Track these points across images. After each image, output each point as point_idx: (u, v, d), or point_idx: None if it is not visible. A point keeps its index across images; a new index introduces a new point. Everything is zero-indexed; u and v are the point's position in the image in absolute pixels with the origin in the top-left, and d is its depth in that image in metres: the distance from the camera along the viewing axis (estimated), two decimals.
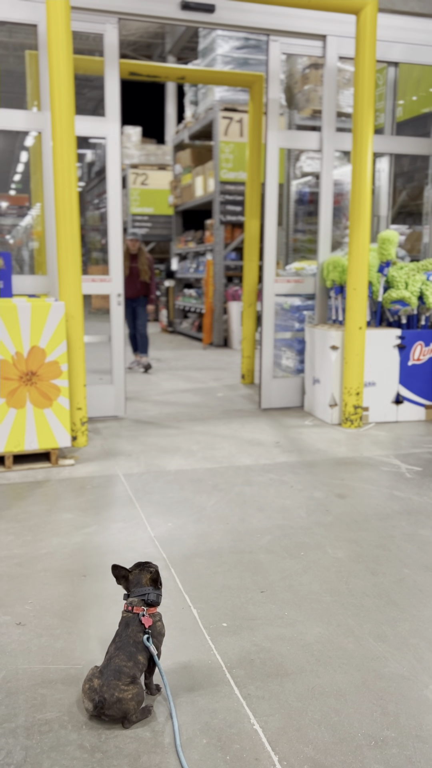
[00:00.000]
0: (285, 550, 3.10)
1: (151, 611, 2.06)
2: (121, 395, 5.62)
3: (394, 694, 2.07)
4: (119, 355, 5.60)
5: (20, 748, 1.83)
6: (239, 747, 1.84)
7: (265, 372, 5.98)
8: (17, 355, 4.19)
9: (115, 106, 5.24)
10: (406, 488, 3.96)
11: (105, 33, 5.11)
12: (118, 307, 5.53)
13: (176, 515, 3.52)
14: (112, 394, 5.62)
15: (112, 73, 5.18)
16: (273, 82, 5.67)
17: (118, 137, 5.27)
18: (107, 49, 5.15)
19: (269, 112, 5.68)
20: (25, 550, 3.08)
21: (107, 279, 5.48)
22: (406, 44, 5.90)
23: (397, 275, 5.55)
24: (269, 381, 6.03)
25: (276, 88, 5.68)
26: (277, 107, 5.69)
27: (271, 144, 5.70)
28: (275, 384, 6.08)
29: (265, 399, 6.04)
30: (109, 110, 5.24)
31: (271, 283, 5.88)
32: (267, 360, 5.97)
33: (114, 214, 5.43)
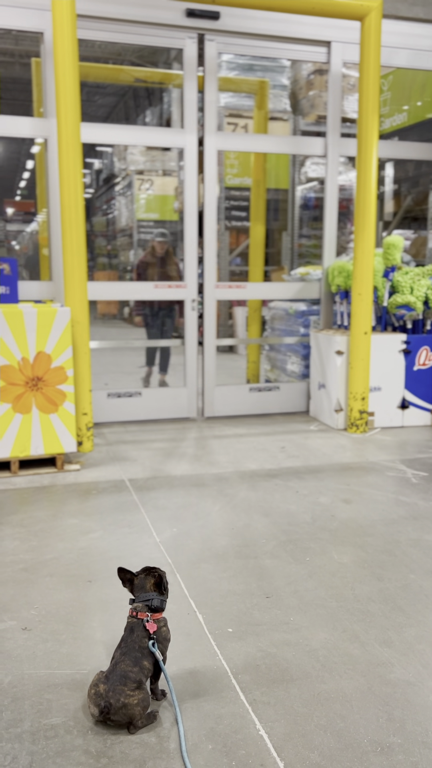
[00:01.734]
0: (290, 555, 3.10)
1: (156, 617, 2.06)
2: (193, 397, 5.81)
3: (400, 700, 2.07)
4: (192, 357, 5.86)
5: (26, 753, 1.84)
6: (245, 753, 1.84)
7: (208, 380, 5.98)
8: (23, 360, 4.20)
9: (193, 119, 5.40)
10: (411, 493, 3.95)
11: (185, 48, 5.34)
12: (192, 312, 5.82)
13: (181, 520, 3.52)
14: (185, 396, 5.81)
15: (191, 85, 5.37)
16: (210, 81, 5.46)
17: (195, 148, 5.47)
18: (186, 63, 5.35)
19: (206, 114, 5.52)
20: (30, 555, 3.09)
21: (182, 285, 5.72)
22: (411, 50, 5.91)
23: (402, 280, 5.55)
24: (211, 389, 5.98)
25: (213, 88, 5.46)
26: (215, 109, 5.51)
27: (208, 146, 5.56)
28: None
29: (207, 406, 6.04)
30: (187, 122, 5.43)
31: (211, 288, 5.92)
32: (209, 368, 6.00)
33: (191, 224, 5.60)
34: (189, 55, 5.34)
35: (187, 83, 5.38)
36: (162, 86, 7.18)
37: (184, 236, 5.69)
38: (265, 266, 8.10)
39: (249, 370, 7.40)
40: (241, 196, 10.40)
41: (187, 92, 5.41)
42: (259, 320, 7.40)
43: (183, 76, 5.41)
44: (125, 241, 17.83)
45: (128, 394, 5.68)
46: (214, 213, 5.78)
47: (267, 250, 11.02)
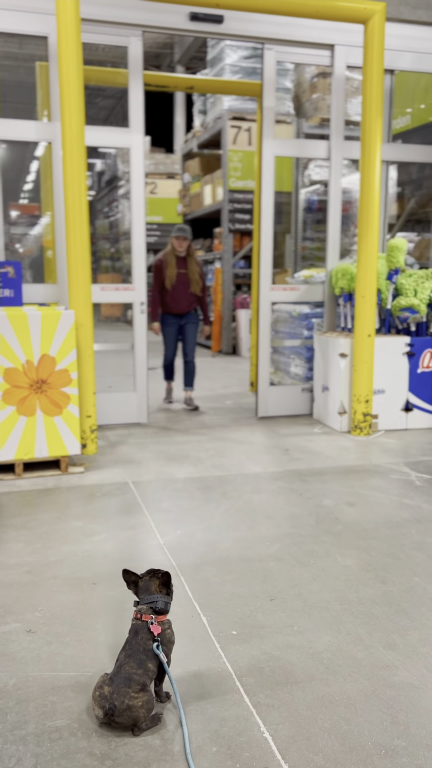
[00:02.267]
0: (294, 558, 3.10)
1: (160, 619, 2.06)
2: (143, 402, 5.69)
3: (404, 703, 2.06)
4: (142, 362, 5.66)
5: (30, 755, 1.84)
6: (249, 755, 1.84)
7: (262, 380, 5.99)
8: (27, 363, 4.21)
9: (139, 118, 5.33)
10: (415, 496, 3.94)
11: (129, 45, 5.21)
12: (141, 315, 5.61)
13: (185, 523, 3.52)
14: (135, 402, 5.69)
15: (136, 84, 5.28)
16: (268, 91, 5.68)
17: (141, 147, 5.37)
18: (132, 61, 5.25)
19: (264, 120, 5.68)
20: (35, 558, 3.09)
21: (130, 288, 5.56)
22: (415, 53, 5.92)
23: (405, 283, 5.55)
24: (266, 389, 6.03)
25: (271, 97, 5.68)
26: (272, 115, 5.68)
27: (266, 152, 5.72)
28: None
29: (262, 407, 6.04)
30: (132, 121, 5.34)
31: (267, 290, 5.90)
32: (263, 368, 6.00)
33: (138, 222, 5.48)
34: (133, 54, 5.22)
35: (132, 82, 5.27)
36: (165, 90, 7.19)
37: (132, 237, 5.52)
38: None
39: (252, 373, 7.41)
40: (245, 199, 10.41)
41: (132, 91, 5.29)
42: None
43: (128, 74, 5.26)
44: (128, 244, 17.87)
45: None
46: (271, 216, 5.85)
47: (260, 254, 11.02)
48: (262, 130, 5.71)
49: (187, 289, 6.24)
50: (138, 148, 5.36)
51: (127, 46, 5.21)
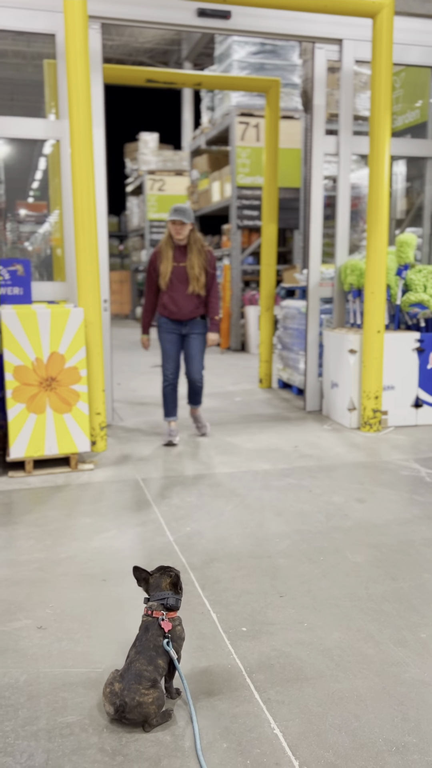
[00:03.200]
0: (304, 554, 3.10)
1: (171, 615, 2.07)
2: (109, 401, 5.60)
3: (414, 699, 2.06)
4: (107, 361, 5.57)
5: (42, 751, 1.85)
6: (259, 752, 1.84)
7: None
8: (37, 361, 4.23)
9: (99, 112, 5.22)
10: (426, 492, 3.93)
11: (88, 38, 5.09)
12: (104, 312, 5.32)
13: (195, 520, 3.53)
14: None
15: (96, 78, 5.17)
16: (318, 89, 5.71)
17: (102, 141, 5.24)
18: (90, 55, 5.09)
19: (315, 118, 5.72)
20: (45, 555, 3.11)
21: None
22: (424, 47, 5.88)
23: (415, 278, 5.52)
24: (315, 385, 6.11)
25: (321, 95, 5.70)
26: (323, 114, 5.72)
27: (316, 150, 5.79)
28: None
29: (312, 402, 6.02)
30: (93, 116, 5.22)
31: (316, 287, 5.96)
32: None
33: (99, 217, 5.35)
34: (92, 48, 5.05)
35: (91, 75, 5.10)
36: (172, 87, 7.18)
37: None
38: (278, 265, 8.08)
39: (261, 370, 7.40)
40: (253, 195, 10.38)
41: (91, 85, 5.05)
42: (271, 319, 7.39)
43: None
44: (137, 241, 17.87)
45: None
46: (321, 209, 5.91)
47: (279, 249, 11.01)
48: (312, 129, 5.74)
49: (186, 286, 4.86)
50: (99, 143, 5.20)
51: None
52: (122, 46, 16.83)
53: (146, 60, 18.00)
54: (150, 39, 16.49)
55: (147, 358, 10.06)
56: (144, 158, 15.89)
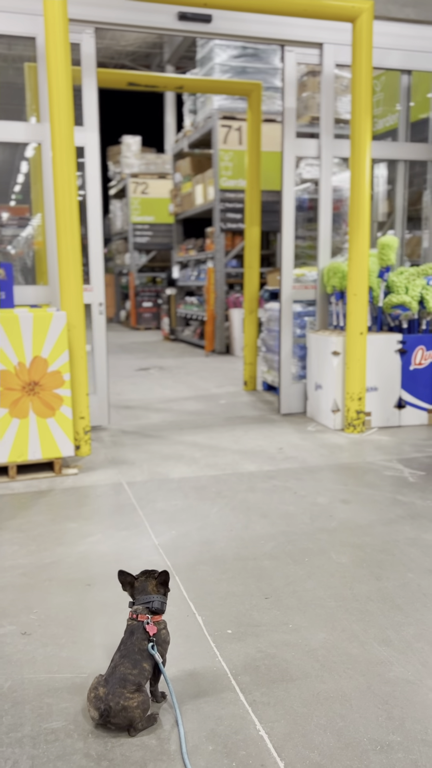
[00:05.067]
0: (289, 556, 3.11)
1: (156, 619, 2.06)
2: (104, 404, 5.62)
3: (399, 698, 2.07)
4: (102, 364, 5.59)
5: (26, 757, 1.84)
6: (245, 753, 1.84)
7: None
8: (20, 365, 4.21)
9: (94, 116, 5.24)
10: (409, 493, 3.96)
11: (81, 42, 5.11)
12: (99, 316, 5.48)
13: (180, 523, 3.53)
14: (95, 404, 5.59)
15: (90, 82, 5.19)
16: (289, 92, 5.72)
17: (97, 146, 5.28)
18: (84, 59, 5.15)
19: (285, 121, 5.73)
20: (29, 560, 3.09)
21: (88, 288, 5.43)
22: (403, 51, 5.93)
23: (397, 280, 5.56)
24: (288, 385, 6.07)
25: (292, 98, 5.72)
26: (293, 116, 5.73)
27: (287, 152, 5.80)
28: None
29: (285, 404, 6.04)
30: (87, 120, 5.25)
31: (289, 289, 5.95)
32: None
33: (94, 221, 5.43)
34: (86, 52, 5.13)
35: (85, 80, 5.16)
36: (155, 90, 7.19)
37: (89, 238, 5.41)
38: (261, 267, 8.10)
39: (246, 372, 7.42)
40: (236, 198, 10.41)
41: (85, 89, 5.18)
42: (255, 322, 7.41)
43: (81, 72, 5.15)
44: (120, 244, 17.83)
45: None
46: (293, 214, 5.92)
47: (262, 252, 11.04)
48: (283, 132, 5.74)
49: None
50: (94, 147, 5.26)
51: (79, 43, 5.11)
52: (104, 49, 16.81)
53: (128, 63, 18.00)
54: (132, 42, 16.49)
55: (132, 361, 10.04)
56: (127, 161, 15.87)
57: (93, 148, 5.27)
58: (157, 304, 15.96)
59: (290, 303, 5.99)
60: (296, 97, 5.82)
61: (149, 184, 15.67)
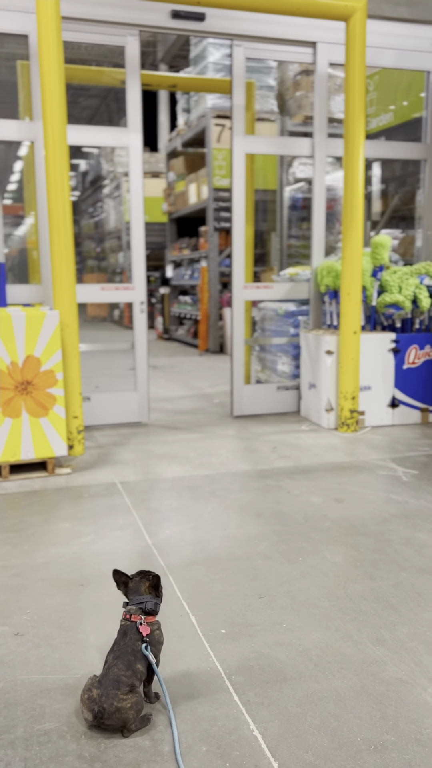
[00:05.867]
0: (283, 555, 3.10)
1: (150, 620, 2.06)
2: (144, 402, 5.71)
3: (393, 698, 2.07)
4: (143, 360, 5.68)
5: (19, 759, 1.83)
6: (239, 754, 1.84)
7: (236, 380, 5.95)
8: (12, 364, 4.19)
9: (137, 118, 5.34)
10: (402, 492, 3.96)
11: (126, 45, 5.24)
12: (141, 314, 5.61)
13: (174, 522, 3.52)
14: (135, 401, 5.71)
15: (134, 85, 5.28)
16: (238, 88, 5.62)
17: (140, 146, 5.38)
18: (129, 61, 5.26)
19: (234, 117, 5.64)
20: (22, 560, 3.08)
21: (130, 287, 5.55)
22: (396, 50, 5.94)
23: (390, 279, 5.57)
24: (240, 388, 6.03)
25: (240, 94, 5.62)
26: (242, 112, 5.64)
27: (237, 150, 5.69)
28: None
29: (237, 407, 6.04)
30: (130, 122, 5.35)
31: (240, 289, 5.88)
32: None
33: (137, 221, 5.47)
34: (131, 54, 5.22)
35: (130, 82, 5.26)
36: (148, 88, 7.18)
37: (131, 236, 5.51)
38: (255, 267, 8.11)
39: None
40: (230, 197, 10.41)
41: (129, 91, 5.28)
42: (249, 321, 7.40)
43: (126, 74, 5.27)
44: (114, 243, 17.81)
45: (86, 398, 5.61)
46: (243, 213, 5.83)
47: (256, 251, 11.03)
48: (233, 128, 5.67)
49: None
50: (137, 147, 5.37)
51: (124, 46, 5.25)
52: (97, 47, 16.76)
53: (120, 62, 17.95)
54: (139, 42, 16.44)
55: (126, 360, 10.02)
56: (120, 160, 15.83)
57: (137, 150, 5.37)
58: (151, 303, 15.94)
59: (242, 304, 5.91)
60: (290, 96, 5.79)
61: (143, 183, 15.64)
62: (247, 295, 5.92)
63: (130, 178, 5.45)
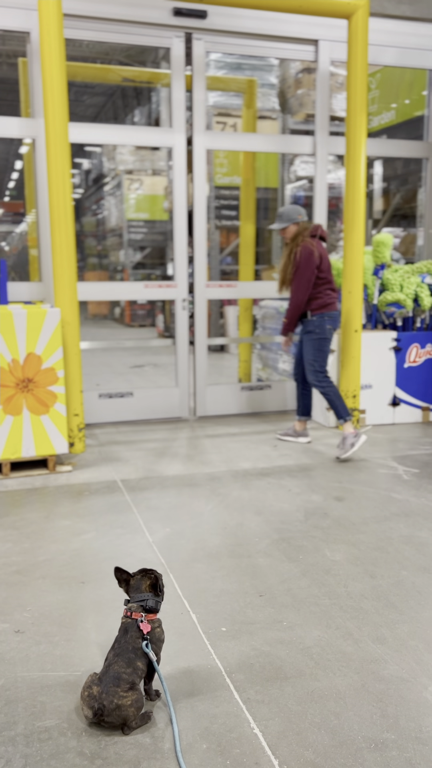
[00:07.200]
0: (283, 553, 3.10)
1: (150, 617, 2.06)
2: (185, 397, 5.80)
3: (393, 696, 2.07)
4: (183, 356, 5.85)
5: (20, 756, 1.83)
6: (239, 752, 1.84)
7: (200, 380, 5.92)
8: (13, 362, 4.19)
9: (182, 118, 5.40)
10: (403, 490, 3.96)
11: (172, 47, 5.34)
12: (183, 311, 5.76)
13: (174, 520, 3.52)
14: (177, 396, 5.80)
15: (179, 85, 5.35)
16: (198, 82, 5.45)
17: (184, 146, 5.45)
18: (174, 62, 5.36)
19: (195, 113, 5.49)
20: (23, 558, 3.08)
21: (173, 284, 5.64)
22: (398, 48, 5.93)
23: (392, 278, 5.56)
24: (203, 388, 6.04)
25: (201, 89, 5.42)
26: (203, 108, 5.44)
27: (197, 146, 5.55)
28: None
29: (200, 406, 6.03)
30: (175, 121, 5.41)
31: (202, 288, 5.86)
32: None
33: (180, 221, 5.56)
34: (176, 55, 5.34)
35: (175, 82, 5.37)
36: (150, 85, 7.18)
37: (174, 235, 5.65)
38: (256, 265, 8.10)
39: (241, 369, 7.40)
40: (231, 195, 10.40)
41: (174, 91, 5.40)
42: (250, 319, 7.40)
43: (171, 75, 5.39)
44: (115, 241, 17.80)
45: (119, 395, 5.67)
46: (204, 212, 5.75)
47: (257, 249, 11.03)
48: (193, 124, 5.55)
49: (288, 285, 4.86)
50: (181, 147, 5.44)
51: (170, 47, 5.35)
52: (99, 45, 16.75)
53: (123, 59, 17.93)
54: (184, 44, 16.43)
55: (127, 358, 10.02)
56: (121, 158, 15.83)
57: (180, 149, 5.42)
58: (152, 301, 15.94)
59: (204, 303, 5.88)
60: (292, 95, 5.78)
61: (144, 180, 15.63)
62: (209, 294, 5.91)
63: (175, 179, 5.54)
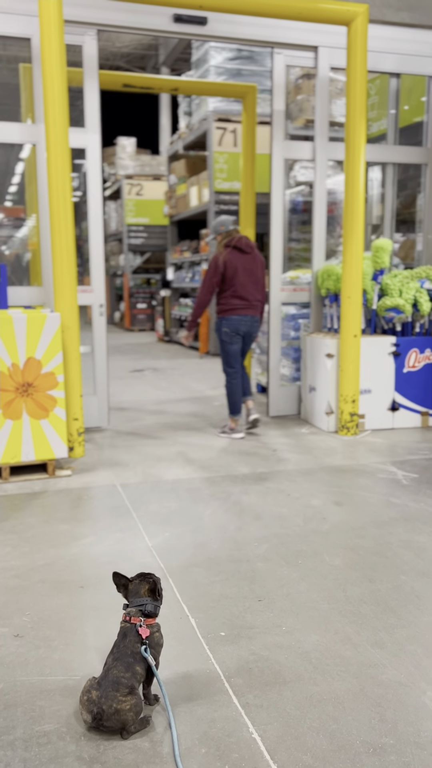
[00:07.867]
0: (282, 558, 3.11)
1: (149, 622, 2.06)
2: (104, 406, 5.61)
3: (392, 700, 2.08)
4: (102, 365, 5.59)
5: (18, 760, 1.83)
6: (238, 756, 1.84)
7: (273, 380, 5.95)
8: (13, 366, 4.19)
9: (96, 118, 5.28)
10: (402, 495, 3.97)
11: (83, 44, 5.15)
12: (100, 317, 5.52)
13: (173, 525, 3.52)
14: (95, 405, 5.59)
15: (92, 84, 5.22)
16: (278, 94, 5.71)
17: (98, 148, 5.32)
18: (86, 61, 5.19)
19: (274, 123, 5.73)
20: (22, 562, 3.08)
21: (88, 289, 5.45)
22: (398, 54, 5.95)
23: (391, 283, 5.58)
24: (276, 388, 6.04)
25: (281, 100, 5.72)
26: (282, 119, 5.73)
27: (276, 155, 5.78)
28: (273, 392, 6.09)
29: (274, 407, 6.02)
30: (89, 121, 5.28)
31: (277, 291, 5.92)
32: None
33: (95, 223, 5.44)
34: (88, 53, 5.17)
35: (88, 81, 5.22)
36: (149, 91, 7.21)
37: (89, 236, 5.44)
38: None
39: None
40: (231, 200, 10.42)
41: (87, 91, 5.24)
42: None
43: (83, 73, 5.19)
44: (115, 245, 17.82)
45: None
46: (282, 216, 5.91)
47: None
48: (272, 134, 5.74)
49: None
50: (95, 149, 5.31)
51: (82, 45, 5.15)
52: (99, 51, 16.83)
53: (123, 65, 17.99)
54: (127, 44, 16.49)
55: (126, 362, 10.03)
56: (122, 163, 15.87)
57: (95, 150, 5.32)
58: (152, 306, 15.95)
59: (279, 306, 5.98)
60: (291, 100, 5.82)
61: (144, 185, 15.66)
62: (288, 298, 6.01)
63: (88, 179, 5.36)
